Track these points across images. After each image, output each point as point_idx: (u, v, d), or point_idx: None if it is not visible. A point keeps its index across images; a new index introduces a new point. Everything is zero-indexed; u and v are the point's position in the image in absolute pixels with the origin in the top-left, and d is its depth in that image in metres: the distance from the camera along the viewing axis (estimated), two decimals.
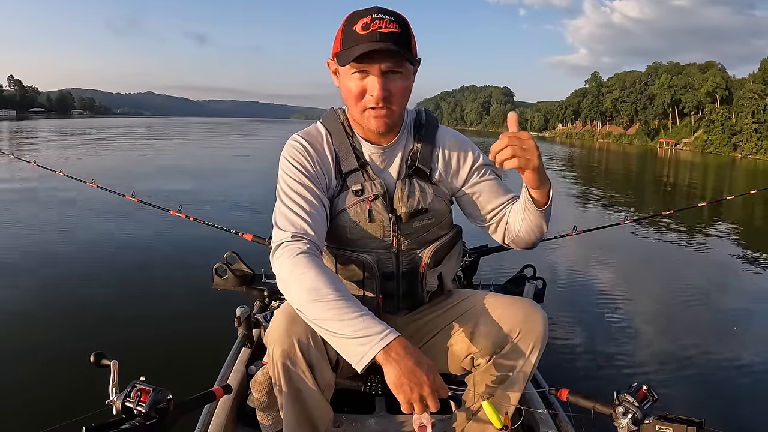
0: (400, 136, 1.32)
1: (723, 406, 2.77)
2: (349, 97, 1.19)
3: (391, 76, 1.15)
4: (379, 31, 1.11)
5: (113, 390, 0.95)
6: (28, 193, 8.40)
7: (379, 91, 1.14)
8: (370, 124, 1.21)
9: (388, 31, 1.11)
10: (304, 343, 1.11)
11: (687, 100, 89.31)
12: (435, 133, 1.35)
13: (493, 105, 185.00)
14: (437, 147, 1.34)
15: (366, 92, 1.16)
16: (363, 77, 1.15)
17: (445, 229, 1.38)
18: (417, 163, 1.31)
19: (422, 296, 1.37)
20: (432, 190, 1.31)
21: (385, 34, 1.11)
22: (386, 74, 1.14)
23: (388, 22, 1.12)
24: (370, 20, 1.11)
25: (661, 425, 1.01)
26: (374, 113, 1.18)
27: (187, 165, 14.94)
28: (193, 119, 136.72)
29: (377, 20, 1.11)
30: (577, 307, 4.16)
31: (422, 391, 0.96)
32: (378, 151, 1.30)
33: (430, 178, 1.33)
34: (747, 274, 5.84)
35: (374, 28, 1.11)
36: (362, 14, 1.14)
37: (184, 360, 2.78)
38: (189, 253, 5.03)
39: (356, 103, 1.19)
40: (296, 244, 1.12)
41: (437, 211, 1.32)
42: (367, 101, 1.17)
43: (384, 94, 1.15)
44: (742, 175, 28.11)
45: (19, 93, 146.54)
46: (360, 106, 1.19)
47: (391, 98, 1.17)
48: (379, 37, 1.10)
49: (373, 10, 1.14)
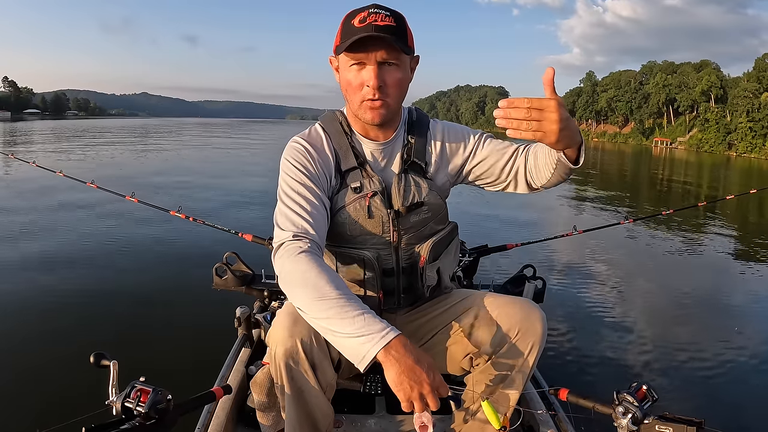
0: (398, 132, 1.35)
1: (723, 405, 2.77)
2: (348, 88, 1.23)
3: (386, 68, 1.19)
4: (375, 24, 1.15)
5: (113, 390, 0.95)
6: (28, 193, 8.34)
7: (374, 80, 1.18)
8: (366, 115, 1.24)
9: (383, 24, 1.16)
10: (307, 342, 1.12)
11: (682, 99, 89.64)
12: (426, 127, 1.39)
13: (488, 105, 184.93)
14: (429, 140, 1.38)
15: (363, 84, 1.20)
16: (360, 69, 1.19)
17: (441, 224, 1.40)
18: (412, 158, 1.34)
19: (422, 291, 1.37)
20: (427, 184, 1.34)
21: (381, 26, 1.15)
22: (382, 65, 1.18)
23: (384, 16, 1.17)
24: (366, 14, 1.17)
25: (660, 425, 1.02)
26: (370, 104, 1.22)
27: (187, 165, 14.90)
28: (189, 120, 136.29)
29: (374, 14, 1.17)
30: (577, 307, 4.16)
31: (422, 389, 0.96)
32: (378, 147, 1.33)
33: (425, 172, 1.35)
34: (747, 274, 5.84)
35: (370, 21, 1.16)
36: (360, 10, 1.19)
37: (184, 360, 2.77)
38: (189, 253, 5.02)
39: (354, 94, 1.23)
40: (297, 244, 1.13)
41: (432, 205, 1.34)
42: (365, 92, 1.20)
43: (379, 83, 1.18)
44: (738, 174, 28.21)
45: (13, 94, 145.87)
46: (358, 98, 1.22)
47: (386, 89, 1.20)
48: (375, 29, 1.14)
49: (370, 6, 1.19)
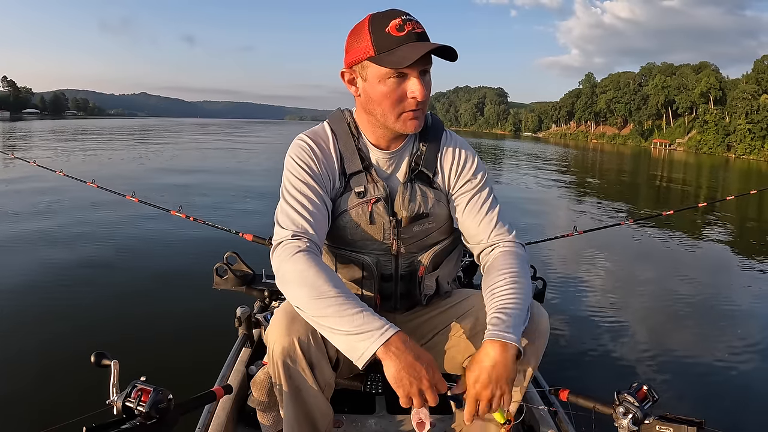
0: (408, 140, 1.30)
1: (723, 406, 2.77)
2: (383, 101, 1.15)
3: (425, 77, 1.14)
4: (415, 32, 1.10)
5: (114, 390, 0.95)
6: (27, 194, 8.32)
7: (422, 92, 1.12)
8: (406, 127, 1.19)
9: (420, 31, 1.10)
10: (304, 341, 1.11)
11: (681, 100, 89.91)
12: (440, 137, 1.33)
13: (487, 106, 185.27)
14: (441, 151, 1.32)
15: (404, 96, 1.14)
16: (401, 80, 1.13)
17: (445, 234, 1.36)
18: (420, 167, 1.29)
19: (419, 299, 1.37)
20: (433, 194, 1.29)
21: (419, 33, 1.10)
22: (423, 74, 1.14)
23: (416, 22, 1.11)
24: (401, 21, 1.09)
25: (661, 425, 1.02)
26: (412, 115, 1.16)
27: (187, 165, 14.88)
28: (188, 120, 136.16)
29: (408, 22, 1.10)
30: (578, 307, 4.16)
31: (421, 385, 0.97)
32: (385, 156, 1.29)
33: (432, 182, 1.31)
34: (748, 274, 5.84)
35: (408, 29, 1.09)
36: (389, 16, 1.11)
37: (185, 360, 2.76)
38: (189, 253, 5.02)
39: (393, 107, 1.16)
40: (296, 243, 1.12)
41: (438, 215, 1.31)
42: (407, 104, 1.15)
43: (425, 96, 1.14)
44: (737, 175, 28.26)
45: (12, 94, 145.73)
46: (397, 110, 1.16)
47: (426, 99, 1.16)
48: (417, 38, 1.09)
49: (397, 12, 1.12)
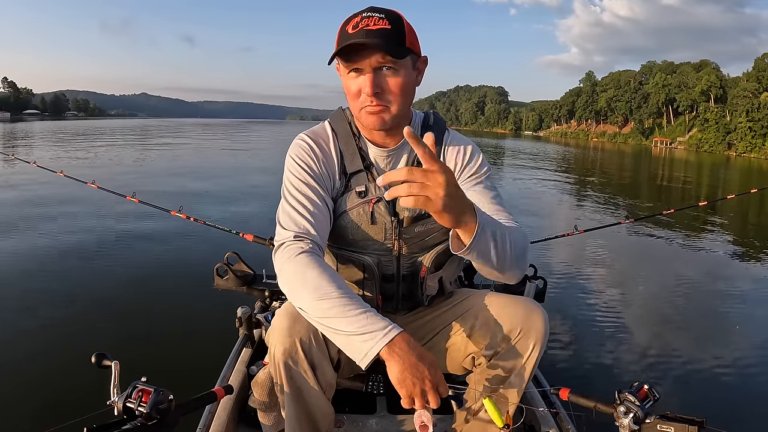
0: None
1: (724, 405, 2.77)
2: (348, 95, 1.20)
3: (383, 72, 1.14)
4: (367, 29, 1.11)
5: (114, 391, 0.95)
6: (27, 193, 8.32)
7: (369, 87, 1.13)
8: (367, 121, 1.20)
9: (376, 28, 1.11)
10: (306, 342, 1.11)
11: (681, 98, 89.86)
12: (443, 136, 1.33)
13: (487, 105, 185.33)
14: (444, 148, 1.33)
15: (360, 91, 1.16)
16: (357, 76, 1.15)
17: (447, 234, 1.36)
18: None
19: (421, 299, 1.37)
20: None
21: (373, 31, 1.10)
22: (378, 70, 1.14)
23: (377, 19, 1.12)
24: (359, 19, 1.12)
25: (662, 424, 1.02)
26: (368, 109, 1.18)
27: (187, 165, 14.89)
28: (188, 120, 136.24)
29: (366, 18, 1.12)
30: (578, 306, 4.15)
31: (423, 386, 0.96)
32: (383, 153, 1.29)
33: None
34: (749, 274, 5.83)
35: (362, 26, 1.11)
36: (354, 15, 1.15)
37: (186, 360, 2.77)
38: (189, 253, 5.02)
39: (354, 101, 1.20)
40: (298, 244, 1.12)
41: None
42: (363, 100, 1.17)
43: (375, 90, 1.14)
44: (738, 173, 28.21)
45: (13, 95, 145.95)
46: (358, 105, 1.19)
47: (384, 94, 1.15)
48: (366, 35, 1.10)
49: (365, 10, 1.15)
